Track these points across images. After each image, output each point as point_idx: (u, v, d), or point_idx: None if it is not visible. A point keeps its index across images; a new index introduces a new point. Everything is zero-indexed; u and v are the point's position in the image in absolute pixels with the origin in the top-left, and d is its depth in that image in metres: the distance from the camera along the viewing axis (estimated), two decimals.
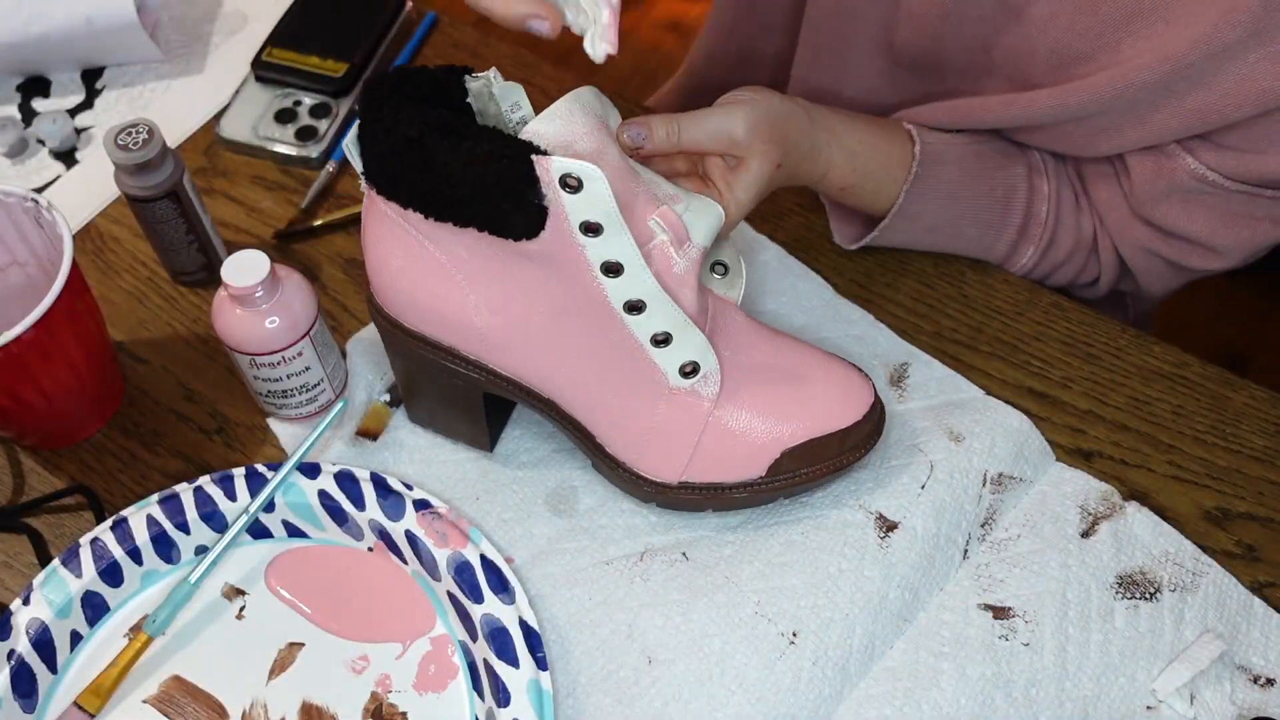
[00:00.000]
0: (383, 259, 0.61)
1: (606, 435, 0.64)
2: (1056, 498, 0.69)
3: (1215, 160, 0.69)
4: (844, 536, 0.66)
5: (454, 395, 0.67)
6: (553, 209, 0.56)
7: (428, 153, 0.55)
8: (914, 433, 0.70)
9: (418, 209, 0.58)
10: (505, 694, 0.60)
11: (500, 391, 0.65)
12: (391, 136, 0.56)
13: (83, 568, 0.65)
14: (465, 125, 0.55)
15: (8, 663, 0.62)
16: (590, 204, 0.55)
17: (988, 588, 0.66)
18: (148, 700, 0.63)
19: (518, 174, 0.54)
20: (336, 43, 0.89)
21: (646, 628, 0.64)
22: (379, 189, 0.59)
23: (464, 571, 0.64)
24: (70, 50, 0.90)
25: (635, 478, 0.65)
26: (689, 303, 0.61)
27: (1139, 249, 0.76)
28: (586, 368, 0.62)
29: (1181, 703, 0.62)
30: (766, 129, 0.64)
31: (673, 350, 0.60)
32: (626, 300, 0.59)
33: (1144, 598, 0.65)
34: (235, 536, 0.65)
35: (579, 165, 0.54)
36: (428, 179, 0.56)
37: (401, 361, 0.67)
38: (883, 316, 0.76)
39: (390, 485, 0.67)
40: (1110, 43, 0.66)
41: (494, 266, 0.59)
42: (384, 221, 0.60)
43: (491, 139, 0.55)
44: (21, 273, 0.73)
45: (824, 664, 0.62)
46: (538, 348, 0.62)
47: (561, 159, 0.54)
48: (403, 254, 0.60)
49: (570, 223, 0.56)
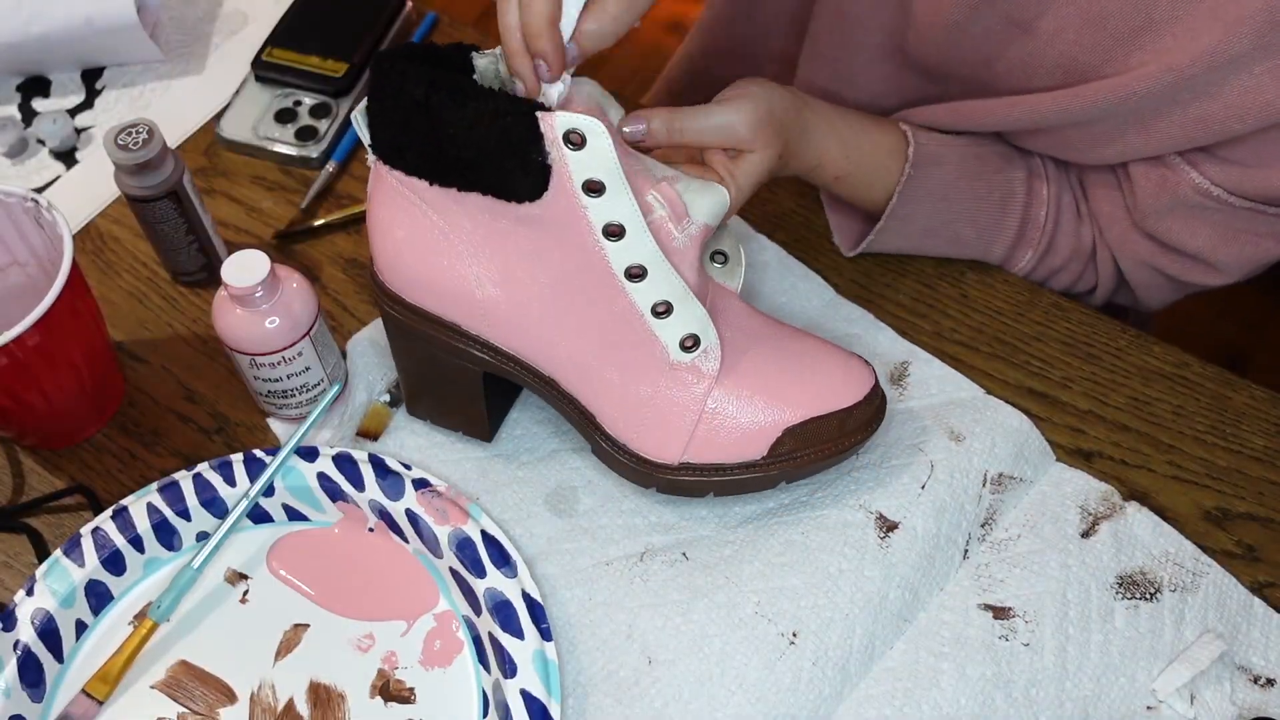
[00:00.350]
0: (387, 230, 0.62)
1: (606, 414, 0.64)
2: (1057, 498, 0.68)
3: (1220, 175, 0.69)
4: (844, 536, 0.66)
5: (454, 379, 0.67)
6: (556, 167, 0.56)
7: (434, 114, 0.56)
8: (914, 432, 0.70)
9: (423, 175, 0.59)
10: (511, 665, 0.61)
11: (501, 371, 0.65)
12: (399, 99, 0.56)
13: (85, 557, 0.65)
14: (472, 86, 0.56)
15: (14, 653, 0.62)
16: (593, 160, 0.56)
17: (988, 588, 0.66)
18: (155, 686, 0.64)
19: (522, 131, 0.55)
20: (336, 43, 0.90)
21: (646, 628, 0.64)
22: (385, 156, 0.59)
23: (465, 547, 0.65)
24: (70, 50, 0.90)
25: (635, 459, 0.65)
26: (690, 276, 0.61)
27: (1139, 263, 0.76)
28: (587, 342, 0.62)
29: (1181, 703, 0.62)
30: (770, 123, 0.65)
31: (673, 321, 0.60)
32: (627, 266, 0.59)
33: (1144, 598, 0.65)
34: (237, 521, 0.65)
35: (583, 119, 0.55)
36: (433, 141, 0.57)
37: (403, 344, 0.67)
38: (883, 316, 0.76)
39: (389, 466, 0.67)
40: (1117, 56, 0.66)
41: (496, 237, 0.59)
42: (389, 192, 0.60)
43: (497, 99, 0.55)
44: (21, 273, 0.73)
45: (824, 664, 0.62)
46: (539, 321, 0.62)
47: (565, 114, 0.55)
48: (407, 224, 0.61)
49: (574, 182, 0.56)
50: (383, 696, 0.63)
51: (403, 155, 0.59)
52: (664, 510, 0.68)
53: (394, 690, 0.63)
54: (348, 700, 0.63)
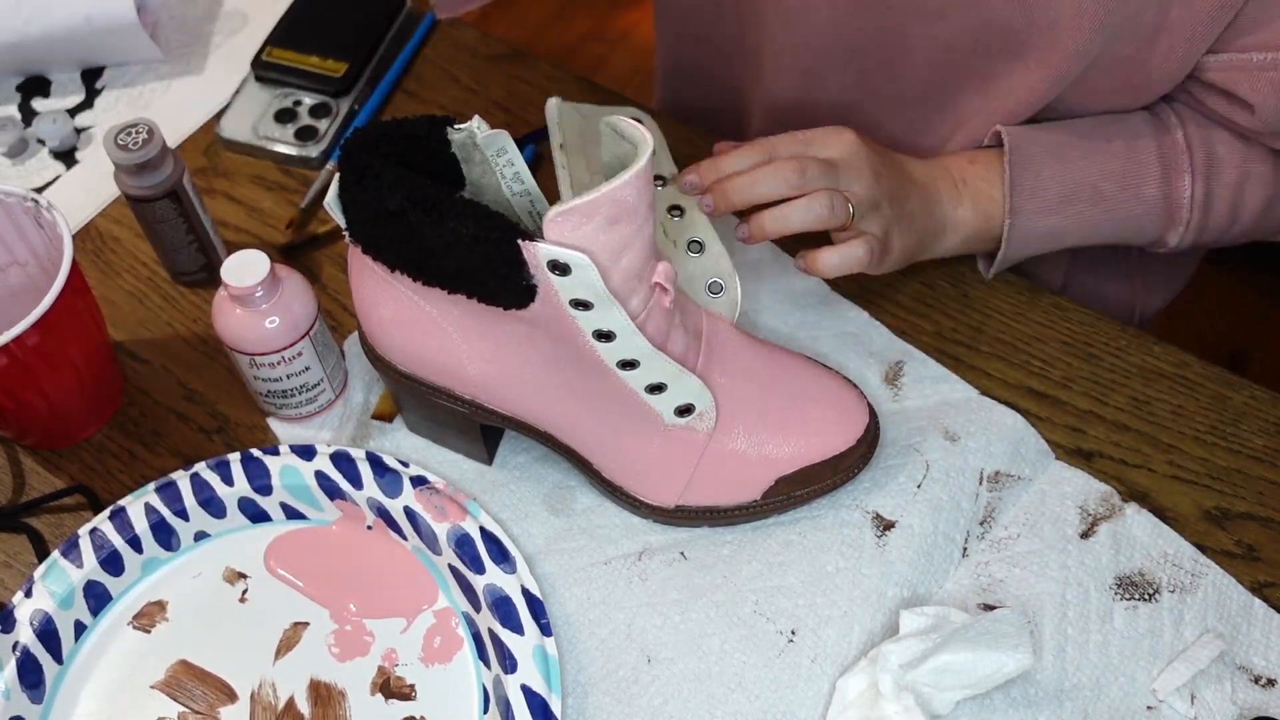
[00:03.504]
0: (370, 308, 0.62)
1: (605, 466, 0.66)
2: (1056, 497, 0.69)
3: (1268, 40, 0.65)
4: (841, 536, 0.66)
5: (450, 422, 0.68)
6: (542, 286, 0.55)
7: (411, 227, 0.55)
8: (910, 432, 0.70)
9: (406, 273, 0.58)
10: (512, 661, 0.61)
11: (497, 424, 0.66)
12: (373, 207, 0.55)
13: (83, 558, 0.65)
14: (448, 201, 0.54)
15: (13, 654, 0.62)
16: (580, 286, 0.55)
17: (987, 587, 0.66)
18: (156, 686, 0.64)
19: (504, 256, 0.54)
20: (336, 43, 0.90)
21: (645, 627, 0.64)
22: (364, 249, 0.59)
23: (464, 544, 0.65)
24: (70, 50, 0.90)
25: (633, 501, 0.66)
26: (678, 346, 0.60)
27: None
28: (582, 409, 0.63)
29: (1182, 703, 0.62)
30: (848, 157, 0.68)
31: (667, 396, 0.61)
32: (620, 359, 0.59)
33: (1143, 599, 0.65)
34: None
35: (566, 254, 0.53)
36: (412, 249, 0.56)
37: (395, 389, 0.68)
38: (882, 316, 0.76)
39: (386, 463, 0.68)
40: None
41: (485, 323, 0.59)
42: (371, 276, 0.60)
43: (477, 219, 0.54)
44: (21, 273, 0.73)
45: (823, 661, 0.63)
46: (532, 393, 0.62)
47: (548, 246, 0.53)
48: (392, 306, 0.61)
49: (560, 298, 0.56)
50: (383, 694, 0.63)
51: (381, 253, 0.58)
52: None
53: (394, 687, 0.63)
54: (348, 698, 0.63)
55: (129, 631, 0.65)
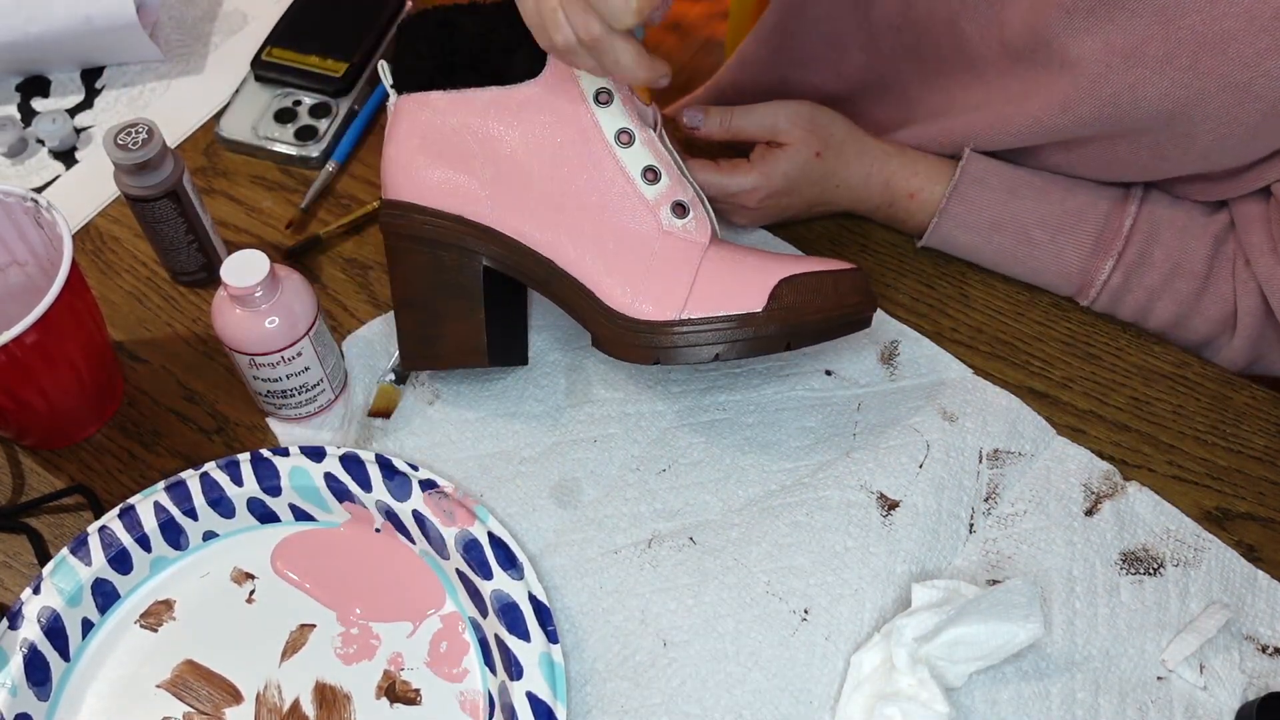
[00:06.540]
0: (404, 139, 0.68)
1: (604, 286, 0.65)
2: (1060, 474, 0.70)
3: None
4: (848, 516, 0.67)
5: (454, 284, 0.68)
6: None
7: (454, 26, 0.67)
8: (908, 412, 0.71)
9: (440, 84, 0.66)
10: (518, 668, 0.61)
11: (502, 262, 0.67)
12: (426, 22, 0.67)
13: (92, 556, 0.65)
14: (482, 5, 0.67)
15: (21, 651, 0.62)
16: None
17: (995, 564, 0.66)
18: (161, 685, 0.64)
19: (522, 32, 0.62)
20: (336, 42, 0.89)
21: (659, 612, 0.65)
22: (408, 85, 0.67)
23: (473, 549, 0.65)
24: (70, 50, 0.90)
25: (635, 325, 0.64)
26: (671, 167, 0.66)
27: None
28: (583, 213, 0.65)
29: (1191, 672, 0.63)
30: (807, 121, 0.73)
31: (662, 187, 0.65)
32: (617, 129, 0.65)
33: (1148, 573, 0.66)
34: None
35: None
36: (451, 49, 0.67)
37: (405, 261, 0.68)
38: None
39: (395, 466, 0.68)
40: None
41: (500, 123, 0.66)
42: (408, 115, 0.68)
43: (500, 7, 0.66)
44: (21, 273, 0.73)
45: (837, 638, 0.63)
46: (537, 198, 0.66)
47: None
48: (422, 132, 0.67)
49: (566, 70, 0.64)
50: (388, 698, 0.63)
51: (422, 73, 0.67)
52: (668, 496, 0.69)
53: (400, 692, 0.63)
54: (353, 701, 0.63)
55: (136, 630, 0.65)
